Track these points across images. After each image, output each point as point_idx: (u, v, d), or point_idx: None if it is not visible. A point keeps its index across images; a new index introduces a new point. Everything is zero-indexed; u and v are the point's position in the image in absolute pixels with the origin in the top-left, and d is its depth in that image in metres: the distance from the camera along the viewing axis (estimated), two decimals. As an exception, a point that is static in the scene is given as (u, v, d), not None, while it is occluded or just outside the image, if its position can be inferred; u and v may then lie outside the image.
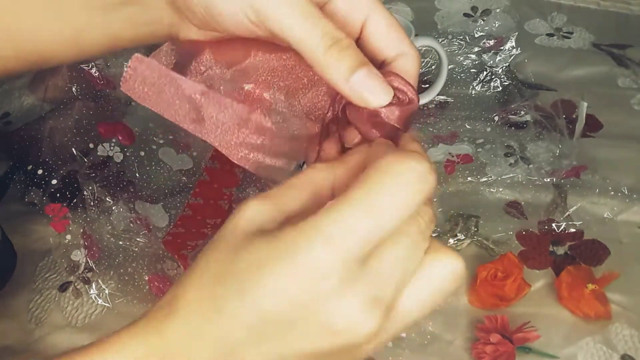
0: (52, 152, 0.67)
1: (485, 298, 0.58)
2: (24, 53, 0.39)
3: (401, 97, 0.32)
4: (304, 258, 0.26)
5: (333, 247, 0.26)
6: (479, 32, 0.91)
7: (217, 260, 0.29)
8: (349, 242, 0.26)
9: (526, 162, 0.71)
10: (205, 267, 0.30)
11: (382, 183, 0.27)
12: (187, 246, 0.58)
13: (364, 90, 0.31)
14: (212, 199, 0.63)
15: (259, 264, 0.27)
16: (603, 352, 0.55)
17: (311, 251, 0.26)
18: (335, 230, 0.26)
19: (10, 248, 0.60)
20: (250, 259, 0.28)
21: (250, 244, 0.28)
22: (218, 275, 0.29)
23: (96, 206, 0.61)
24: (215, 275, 0.29)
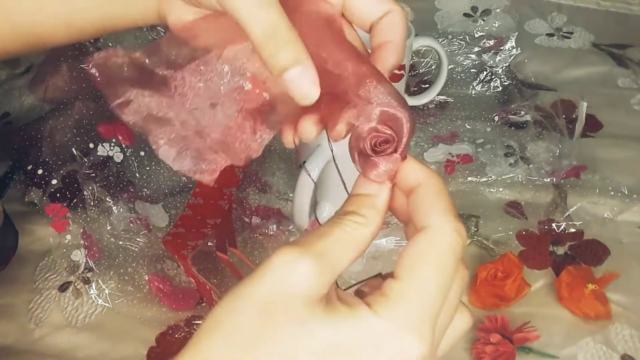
0: (52, 152, 0.67)
1: (485, 298, 0.58)
2: (22, 33, 0.40)
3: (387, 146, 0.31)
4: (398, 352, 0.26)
5: (425, 341, 0.27)
6: (479, 32, 0.91)
7: (266, 331, 0.26)
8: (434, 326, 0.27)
9: (526, 162, 0.71)
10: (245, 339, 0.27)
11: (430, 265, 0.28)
12: (187, 246, 0.58)
13: (292, 89, 0.30)
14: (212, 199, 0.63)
15: (340, 349, 0.26)
16: (603, 352, 0.55)
17: (407, 346, 0.27)
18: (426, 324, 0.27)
19: (12, 227, 0.60)
20: (326, 340, 0.26)
21: (323, 322, 0.26)
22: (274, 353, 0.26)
23: (96, 206, 0.61)
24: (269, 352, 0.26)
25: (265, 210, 0.66)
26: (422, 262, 0.28)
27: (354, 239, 0.29)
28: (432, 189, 0.30)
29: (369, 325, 0.27)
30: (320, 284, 0.27)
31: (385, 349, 0.26)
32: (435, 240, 0.28)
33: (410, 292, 0.27)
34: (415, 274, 0.28)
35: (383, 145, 0.30)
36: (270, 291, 0.27)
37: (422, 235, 0.28)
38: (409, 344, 0.27)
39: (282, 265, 0.27)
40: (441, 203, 0.29)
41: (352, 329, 0.27)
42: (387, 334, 0.26)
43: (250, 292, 0.27)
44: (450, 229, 0.28)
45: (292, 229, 0.63)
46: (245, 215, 0.65)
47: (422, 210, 0.29)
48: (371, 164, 0.31)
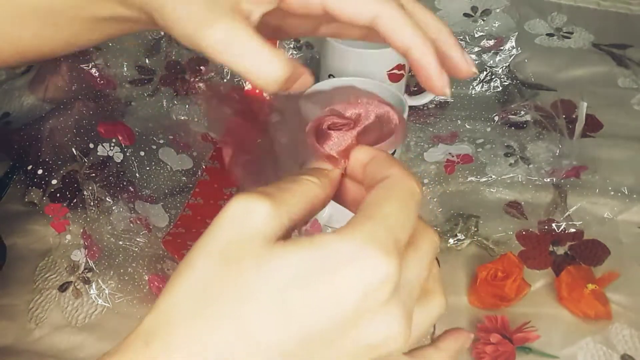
0: (52, 152, 0.67)
1: (485, 298, 0.58)
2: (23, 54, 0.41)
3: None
4: (364, 267, 0.25)
5: (392, 256, 0.25)
6: (479, 32, 0.91)
7: (230, 275, 0.25)
8: (400, 252, 0.26)
9: (526, 162, 0.71)
10: (208, 286, 0.26)
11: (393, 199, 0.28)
12: (187, 246, 0.58)
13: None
14: (212, 199, 0.63)
15: (304, 278, 0.25)
16: (603, 352, 0.55)
17: (372, 259, 0.25)
18: (389, 239, 0.26)
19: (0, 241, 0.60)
20: (289, 270, 0.25)
21: (284, 255, 0.25)
22: (239, 295, 0.25)
23: (96, 206, 0.61)
24: (233, 295, 0.25)
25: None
26: (385, 197, 0.28)
27: (307, 194, 0.29)
28: (387, 156, 0.31)
29: (331, 247, 0.25)
30: (277, 225, 0.27)
31: (350, 267, 0.25)
32: (397, 182, 0.29)
33: (375, 213, 0.26)
34: (378, 204, 0.27)
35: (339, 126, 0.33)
36: (228, 237, 0.26)
37: (384, 181, 0.29)
38: (377, 257, 0.25)
39: (238, 209, 0.27)
40: (398, 163, 0.30)
41: (313, 254, 0.25)
42: (350, 251, 0.25)
43: (208, 242, 0.27)
44: (409, 176, 0.29)
45: (292, 229, 0.63)
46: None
47: (380, 170, 0.30)
48: (326, 137, 0.32)
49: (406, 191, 0.28)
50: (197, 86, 0.77)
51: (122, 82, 0.81)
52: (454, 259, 0.62)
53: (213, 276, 0.26)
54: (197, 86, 0.77)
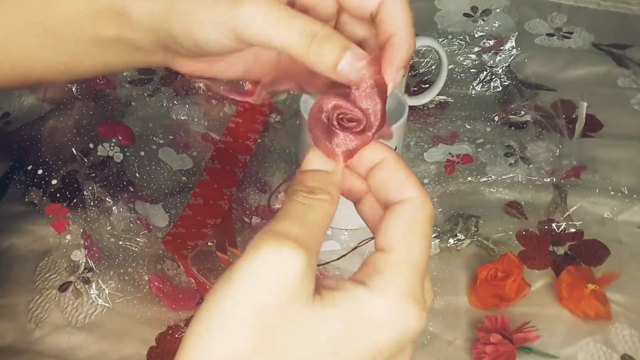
0: (52, 152, 0.67)
1: (485, 298, 0.58)
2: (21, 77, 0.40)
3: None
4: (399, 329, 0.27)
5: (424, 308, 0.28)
6: (479, 32, 0.91)
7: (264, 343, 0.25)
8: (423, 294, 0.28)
9: (526, 162, 0.71)
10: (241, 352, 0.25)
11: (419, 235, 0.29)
12: (187, 246, 0.58)
13: (352, 76, 0.31)
14: (212, 199, 0.63)
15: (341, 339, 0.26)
16: (603, 352, 0.55)
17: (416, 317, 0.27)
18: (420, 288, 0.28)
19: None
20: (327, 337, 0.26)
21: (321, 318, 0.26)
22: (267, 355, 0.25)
23: (96, 206, 0.61)
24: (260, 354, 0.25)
25: (265, 210, 0.66)
26: (412, 231, 0.29)
27: (325, 219, 0.29)
28: (401, 164, 0.31)
29: (371, 304, 0.27)
30: (311, 278, 0.27)
31: (390, 323, 0.27)
32: (420, 210, 0.29)
33: (405, 262, 0.28)
34: (408, 243, 0.28)
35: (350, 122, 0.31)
36: (265, 296, 0.25)
37: (405, 206, 0.29)
38: (415, 313, 0.27)
39: (272, 263, 0.26)
40: (413, 177, 0.30)
41: (355, 312, 0.26)
42: (391, 307, 0.27)
43: (240, 296, 0.25)
44: (427, 199, 0.30)
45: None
46: (245, 215, 0.65)
47: (396, 184, 0.30)
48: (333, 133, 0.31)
49: (429, 221, 0.29)
50: (197, 86, 0.77)
51: (122, 82, 0.81)
52: (454, 259, 0.62)
53: (252, 345, 0.25)
54: (197, 86, 0.77)
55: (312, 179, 0.30)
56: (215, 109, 0.76)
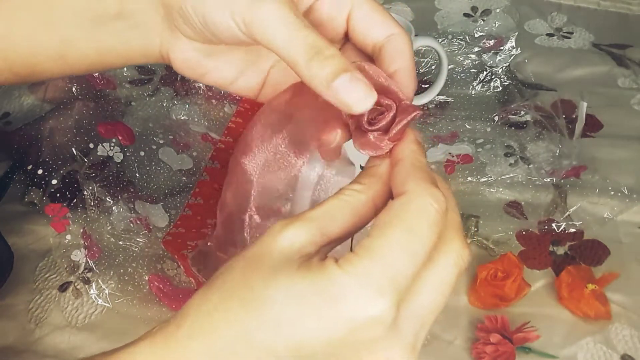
0: (52, 152, 0.67)
1: (485, 298, 0.58)
2: (15, 66, 0.40)
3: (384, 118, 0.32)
4: (353, 306, 0.27)
5: (385, 297, 0.27)
6: (479, 32, 0.91)
7: (245, 281, 0.28)
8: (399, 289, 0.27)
9: (526, 162, 0.71)
10: (228, 288, 0.29)
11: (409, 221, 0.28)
12: (187, 246, 0.58)
13: (344, 96, 0.31)
14: (212, 199, 0.63)
15: (300, 299, 0.27)
16: (603, 352, 0.55)
17: (362, 300, 0.27)
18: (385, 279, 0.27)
19: (7, 250, 0.60)
20: (291, 290, 0.27)
21: (291, 275, 0.28)
22: (246, 299, 0.28)
23: (96, 206, 0.61)
24: (241, 298, 0.28)
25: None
26: (392, 222, 0.28)
27: (349, 204, 0.30)
28: (411, 161, 0.31)
29: (330, 278, 0.27)
30: (304, 242, 0.28)
31: (344, 302, 0.27)
32: (406, 202, 0.28)
33: (376, 248, 0.27)
34: (384, 233, 0.28)
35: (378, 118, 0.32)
36: (256, 249, 0.29)
37: (396, 199, 0.29)
38: (367, 298, 0.27)
39: (273, 230, 0.29)
40: (419, 172, 0.30)
41: (315, 280, 0.27)
42: (347, 287, 0.27)
43: (243, 253, 0.30)
44: (424, 192, 0.28)
45: (292, 229, 0.63)
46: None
47: (400, 179, 0.30)
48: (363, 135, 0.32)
49: (418, 213, 0.28)
50: (197, 86, 0.77)
51: (122, 82, 0.81)
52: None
53: (234, 281, 0.29)
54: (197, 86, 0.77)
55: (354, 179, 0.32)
56: (215, 109, 0.76)
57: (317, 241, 0.29)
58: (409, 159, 0.31)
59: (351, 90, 0.30)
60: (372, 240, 0.28)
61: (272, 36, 0.32)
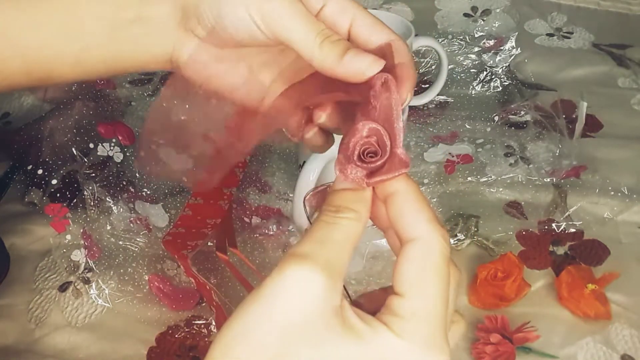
0: (52, 152, 0.67)
1: (485, 298, 0.58)
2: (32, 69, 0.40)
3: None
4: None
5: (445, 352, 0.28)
6: (479, 32, 0.91)
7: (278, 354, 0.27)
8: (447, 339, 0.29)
9: (526, 162, 0.71)
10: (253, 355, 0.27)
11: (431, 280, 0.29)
12: (187, 246, 0.58)
13: (356, 64, 0.33)
14: (212, 199, 0.63)
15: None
16: (603, 352, 0.55)
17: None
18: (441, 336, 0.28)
19: (3, 252, 0.60)
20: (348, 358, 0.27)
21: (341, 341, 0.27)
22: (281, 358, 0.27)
23: (96, 206, 0.61)
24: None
25: (265, 210, 0.66)
26: (423, 276, 0.29)
27: (351, 237, 0.30)
28: (411, 197, 0.30)
29: (390, 345, 0.27)
30: (333, 296, 0.28)
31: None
32: (429, 251, 0.29)
33: (421, 308, 0.28)
34: (420, 289, 0.29)
35: (370, 156, 0.31)
36: (286, 312, 0.27)
37: (415, 248, 0.29)
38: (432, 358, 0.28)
39: (295, 282, 0.27)
40: (424, 212, 0.30)
41: (372, 348, 0.27)
42: (410, 353, 0.27)
43: (265, 313, 0.27)
44: (439, 237, 0.29)
45: (292, 229, 0.63)
46: (245, 215, 0.65)
47: (407, 221, 0.30)
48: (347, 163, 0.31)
49: (440, 259, 0.29)
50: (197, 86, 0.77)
51: (122, 82, 0.81)
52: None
53: (274, 350, 0.27)
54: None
55: (339, 198, 0.31)
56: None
57: (340, 289, 0.28)
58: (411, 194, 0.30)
59: (360, 59, 0.33)
60: (414, 302, 0.28)
61: (286, 25, 0.35)
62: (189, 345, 0.54)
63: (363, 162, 0.31)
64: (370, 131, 0.31)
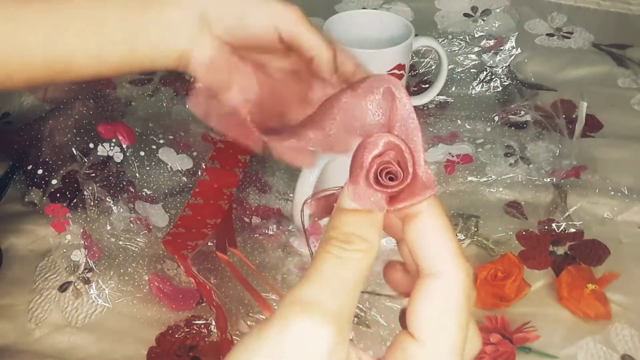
0: (52, 152, 0.67)
1: (485, 298, 0.58)
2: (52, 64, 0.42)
3: None
4: None
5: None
6: (479, 32, 0.91)
7: None
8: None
9: (526, 162, 0.71)
10: None
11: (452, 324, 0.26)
12: (187, 246, 0.58)
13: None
14: (212, 199, 0.63)
15: None
16: (603, 352, 0.55)
17: None
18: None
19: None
20: None
21: None
22: None
23: (96, 206, 0.61)
24: None
25: (265, 210, 0.66)
26: (445, 321, 0.26)
27: (363, 274, 0.26)
28: (437, 225, 0.27)
29: None
30: (342, 349, 0.25)
31: None
32: (452, 292, 0.26)
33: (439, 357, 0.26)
34: (441, 339, 0.26)
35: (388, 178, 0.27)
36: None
37: (436, 286, 0.26)
38: None
39: (301, 337, 0.24)
40: (450, 244, 0.27)
41: None
42: None
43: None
44: (464, 275, 0.26)
45: (292, 229, 0.63)
46: (245, 215, 0.65)
47: (429, 253, 0.27)
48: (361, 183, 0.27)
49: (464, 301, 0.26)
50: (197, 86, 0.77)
51: (122, 82, 0.81)
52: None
53: None
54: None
55: (349, 223, 0.27)
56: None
57: (347, 338, 0.25)
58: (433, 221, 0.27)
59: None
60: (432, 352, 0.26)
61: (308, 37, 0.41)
62: (189, 345, 0.54)
63: (381, 184, 0.26)
64: (387, 146, 0.27)
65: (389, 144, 0.27)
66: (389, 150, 0.27)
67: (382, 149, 0.27)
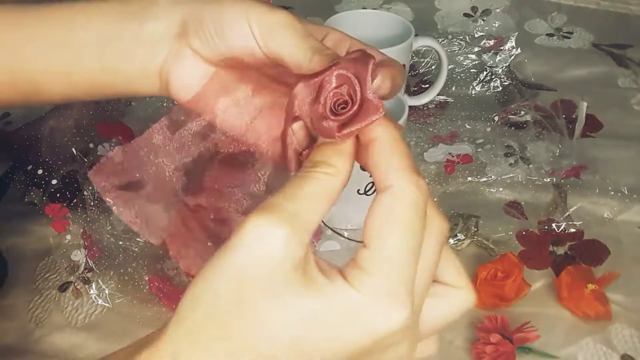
0: (52, 152, 0.67)
1: (485, 298, 0.58)
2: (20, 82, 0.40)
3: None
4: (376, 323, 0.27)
5: (407, 307, 0.27)
6: (479, 32, 0.91)
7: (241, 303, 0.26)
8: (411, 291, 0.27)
9: (526, 162, 0.71)
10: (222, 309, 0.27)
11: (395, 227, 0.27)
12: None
13: None
14: (212, 199, 0.63)
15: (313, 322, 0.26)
16: (603, 352, 0.55)
17: (384, 316, 0.27)
18: (402, 287, 0.27)
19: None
20: (299, 314, 0.26)
21: (297, 295, 0.26)
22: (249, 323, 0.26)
23: (96, 206, 0.61)
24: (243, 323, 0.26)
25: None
26: (389, 226, 0.27)
27: (325, 191, 0.28)
28: (387, 145, 0.29)
29: (348, 299, 0.26)
30: (296, 248, 0.26)
31: (365, 322, 0.26)
32: (396, 201, 0.28)
33: (383, 261, 0.27)
34: (384, 240, 0.27)
35: (341, 108, 0.30)
36: (245, 265, 0.26)
37: (384, 197, 0.28)
38: (389, 314, 0.26)
39: (255, 234, 0.26)
40: (398, 160, 0.29)
41: (331, 302, 0.26)
42: (366, 307, 0.26)
43: (225, 267, 0.27)
44: (410, 186, 0.28)
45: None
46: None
47: (380, 169, 0.29)
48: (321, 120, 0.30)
49: (410, 210, 0.27)
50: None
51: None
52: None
53: (233, 302, 0.27)
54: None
55: (317, 153, 0.30)
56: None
57: (305, 242, 0.27)
58: (386, 142, 0.29)
59: None
60: (376, 253, 0.27)
61: (282, 41, 0.34)
62: (189, 345, 0.54)
63: (335, 114, 0.30)
64: (339, 80, 0.30)
65: (340, 78, 0.30)
66: (342, 84, 0.30)
67: (336, 84, 0.30)
